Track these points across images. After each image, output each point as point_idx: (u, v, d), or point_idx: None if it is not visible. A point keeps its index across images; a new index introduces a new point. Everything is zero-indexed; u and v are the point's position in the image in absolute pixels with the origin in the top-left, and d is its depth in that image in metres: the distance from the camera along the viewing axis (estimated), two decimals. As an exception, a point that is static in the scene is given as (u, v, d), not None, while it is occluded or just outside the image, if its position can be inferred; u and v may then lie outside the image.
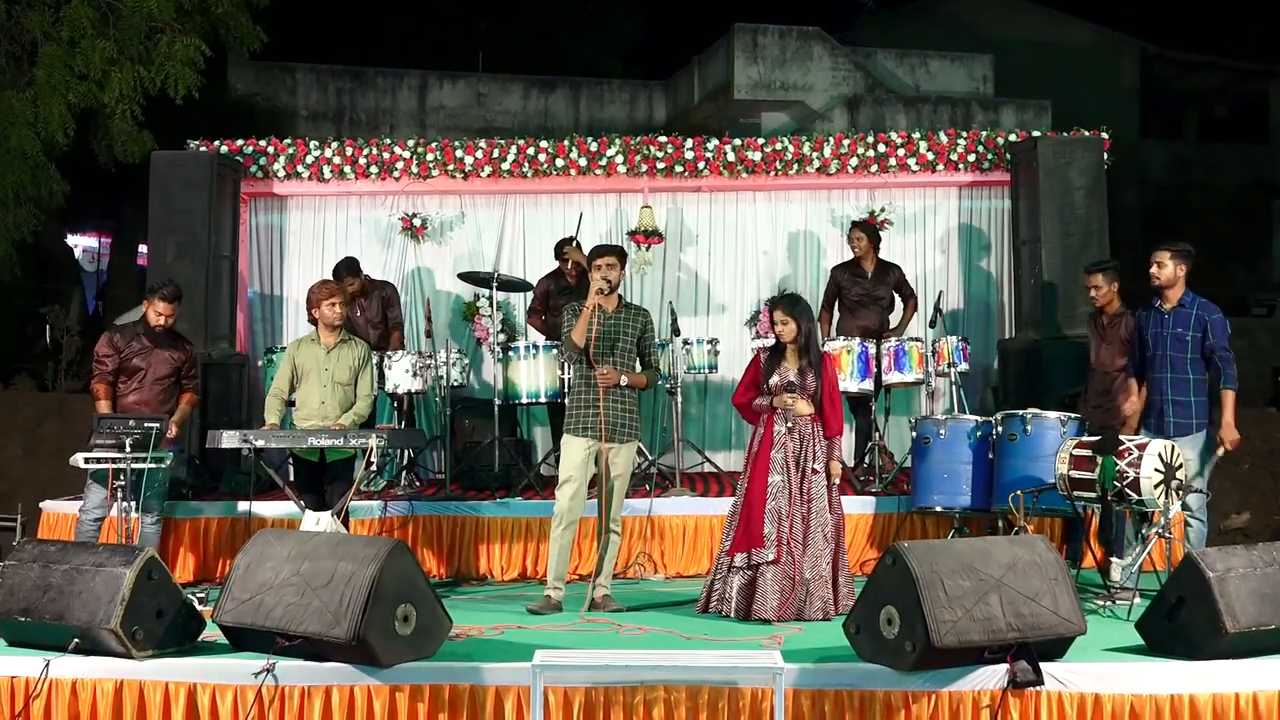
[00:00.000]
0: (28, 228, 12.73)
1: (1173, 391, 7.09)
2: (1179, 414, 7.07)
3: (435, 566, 8.23)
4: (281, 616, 5.31)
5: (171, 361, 7.83)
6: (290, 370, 7.52)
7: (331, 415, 7.40)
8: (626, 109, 21.36)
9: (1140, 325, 7.35)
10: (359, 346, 7.63)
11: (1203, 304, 7.16)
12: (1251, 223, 26.11)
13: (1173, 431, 6.98)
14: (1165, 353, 7.12)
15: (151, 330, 7.77)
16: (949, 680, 5.16)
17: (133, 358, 7.77)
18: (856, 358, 8.78)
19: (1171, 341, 7.10)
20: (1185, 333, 7.08)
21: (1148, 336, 7.24)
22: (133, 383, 7.77)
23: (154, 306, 7.75)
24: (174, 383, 7.87)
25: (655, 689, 5.23)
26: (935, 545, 5.67)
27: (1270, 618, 5.35)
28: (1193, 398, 7.08)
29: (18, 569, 5.68)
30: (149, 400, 7.72)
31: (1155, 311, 7.23)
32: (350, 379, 7.50)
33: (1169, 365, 7.11)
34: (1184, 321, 7.09)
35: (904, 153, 10.42)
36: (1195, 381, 7.08)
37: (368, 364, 7.62)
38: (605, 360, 6.89)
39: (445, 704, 5.26)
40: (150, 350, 7.78)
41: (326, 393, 7.43)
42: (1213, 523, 9.03)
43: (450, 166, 10.47)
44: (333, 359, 7.46)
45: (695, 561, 8.23)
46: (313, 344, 7.54)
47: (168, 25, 11.71)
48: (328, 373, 7.44)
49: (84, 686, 5.34)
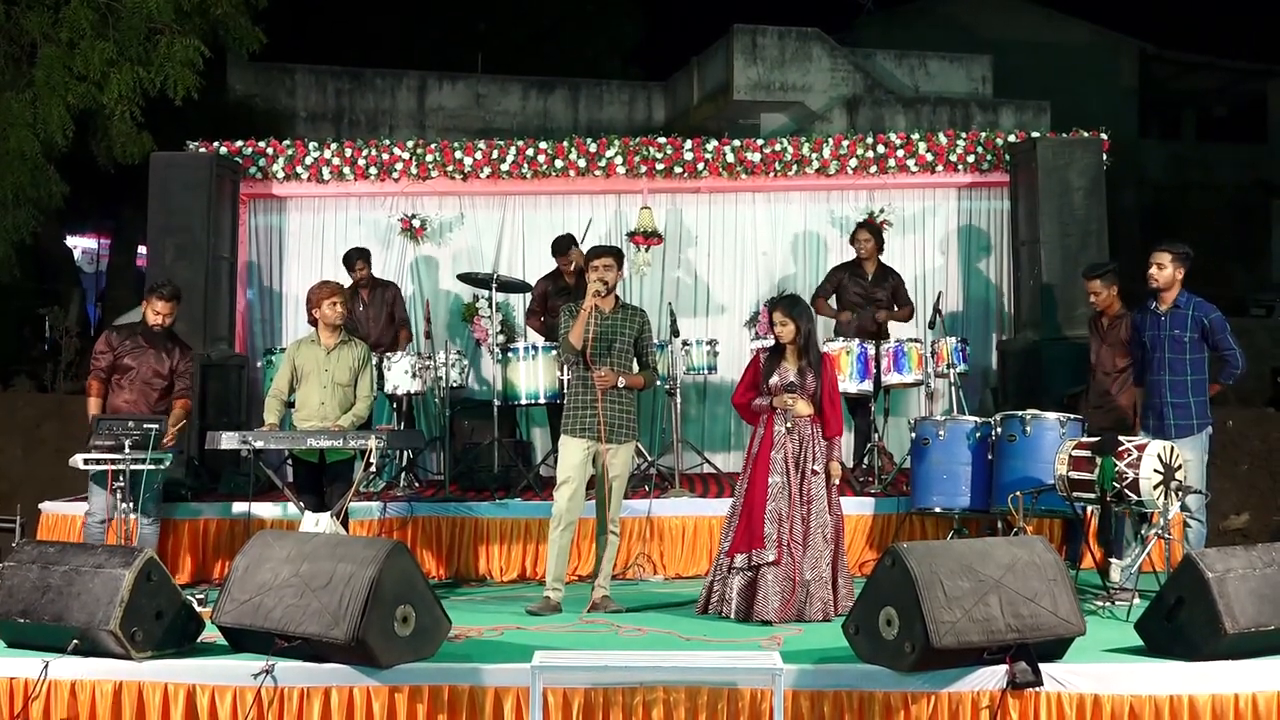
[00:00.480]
0: (27, 229, 12.73)
1: (1171, 394, 7.09)
2: (1179, 415, 7.08)
3: (434, 567, 8.23)
4: (281, 618, 5.31)
5: (164, 362, 7.74)
6: (290, 371, 7.52)
7: (331, 416, 7.40)
8: (625, 110, 21.38)
9: (1137, 327, 7.35)
10: (359, 347, 7.63)
11: (1198, 304, 7.17)
12: (1250, 223, 26.12)
13: (1174, 434, 6.99)
14: (1163, 354, 7.12)
15: (149, 330, 7.75)
16: (948, 681, 5.16)
17: (124, 356, 7.72)
18: (856, 359, 8.79)
19: (1169, 343, 7.10)
20: (1183, 334, 7.08)
21: (1145, 338, 7.24)
22: (123, 381, 7.71)
23: (152, 305, 7.73)
24: (166, 385, 7.78)
25: (654, 690, 5.23)
26: (934, 546, 5.67)
27: (1269, 618, 5.35)
28: (1191, 399, 7.08)
29: (17, 570, 5.68)
30: (136, 401, 7.65)
31: (1151, 314, 7.23)
32: (350, 380, 7.50)
33: (1167, 367, 7.11)
34: (1181, 323, 7.10)
35: (903, 154, 10.43)
36: (1194, 382, 7.08)
37: (367, 365, 7.62)
38: (603, 362, 6.89)
39: (444, 705, 5.26)
40: (144, 350, 7.73)
41: (326, 393, 7.43)
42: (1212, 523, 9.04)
43: (449, 167, 10.47)
44: (333, 360, 7.46)
45: (694, 562, 8.22)
46: (313, 345, 7.53)
47: (167, 26, 11.71)
48: (327, 373, 7.43)
49: (83, 688, 5.34)
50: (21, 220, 12.55)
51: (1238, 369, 7.14)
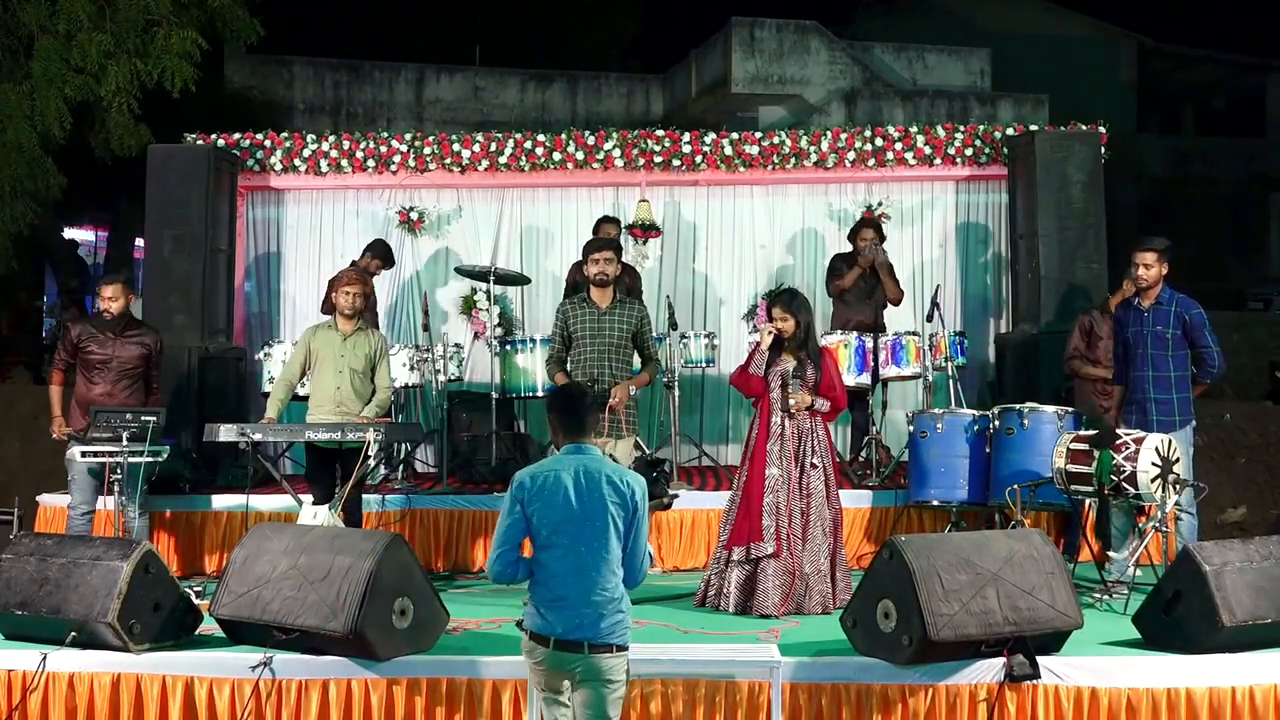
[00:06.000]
0: (24, 221, 12.70)
1: (1155, 390, 7.10)
2: (1161, 412, 7.09)
3: (432, 560, 8.23)
4: (279, 610, 5.31)
5: (130, 350, 7.66)
6: (304, 355, 7.48)
7: (345, 402, 7.36)
8: (624, 103, 21.36)
9: (1120, 324, 7.34)
10: (375, 336, 7.59)
11: (1181, 300, 7.17)
12: (1248, 217, 26.16)
13: (1156, 429, 6.98)
14: (1146, 351, 7.13)
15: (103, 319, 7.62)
16: (946, 674, 5.17)
17: (93, 347, 7.63)
18: (854, 352, 8.78)
19: (1152, 340, 7.11)
20: (1165, 330, 7.08)
21: (1128, 335, 7.24)
22: (95, 376, 7.63)
23: (101, 294, 7.66)
24: (139, 373, 7.73)
25: (652, 682, 5.24)
26: (932, 539, 5.68)
27: (1266, 611, 5.36)
28: (1175, 395, 7.09)
29: (15, 562, 5.68)
30: (114, 393, 7.62)
31: (1135, 310, 7.23)
32: (365, 367, 7.46)
33: (1150, 363, 7.11)
34: (1164, 319, 7.10)
35: (901, 147, 10.41)
36: (1177, 378, 7.09)
37: (384, 354, 7.59)
38: (601, 358, 6.89)
39: (442, 697, 5.27)
40: (108, 340, 7.63)
41: (342, 379, 7.38)
42: (1209, 517, 9.05)
43: (447, 160, 10.44)
44: (349, 346, 7.43)
45: (692, 555, 8.23)
46: (329, 330, 7.50)
47: (164, 18, 11.68)
48: (343, 359, 7.40)
49: (81, 680, 5.35)
50: (19, 212, 12.53)
51: (1214, 367, 7.12)
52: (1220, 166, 26.64)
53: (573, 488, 4.41)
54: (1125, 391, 7.32)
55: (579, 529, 4.37)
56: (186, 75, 11.63)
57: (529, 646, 4.46)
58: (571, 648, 4.34)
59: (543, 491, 4.42)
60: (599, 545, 4.38)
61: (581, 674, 4.37)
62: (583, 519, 4.38)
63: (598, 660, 4.35)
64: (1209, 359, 7.09)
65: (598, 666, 4.35)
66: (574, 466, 4.46)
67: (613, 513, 4.40)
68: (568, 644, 4.34)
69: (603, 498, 4.40)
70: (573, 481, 4.42)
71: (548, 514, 4.40)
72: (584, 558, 4.37)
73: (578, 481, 4.42)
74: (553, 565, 4.39)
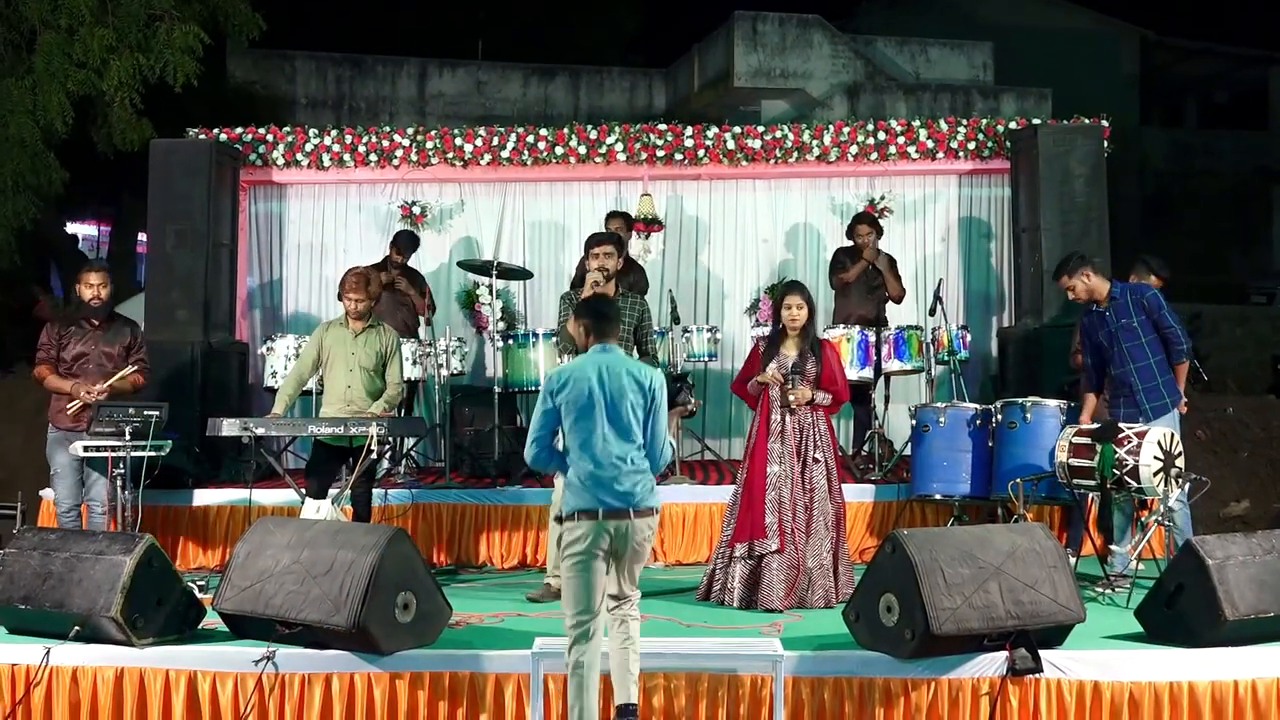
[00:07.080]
0: (27, 216, 12.70)
1: (1140, 379, 7.14)
2: (1152, 398, 7.12)
3: (435, 554, 8.24)
4: (282, 604, 5.32)
5: (113, 344, 7.52)
6: (316, 351, 7.49)
7: (356, 400, 7.38)
8: (626, 97, 21.34)
9: (1088, 332, 7.37)
10: (387, 334, 7.60)
11: (1132, 288, 7.31)
12: (1251, 210, 26.12)
13: (1152, 415, 7.01)
14: (1121, 346, 7.17)
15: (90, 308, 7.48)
16: (948, 668, 5.17)
17: (71, 341, 7.50)
18: (856, 346, 8.79)
19: (1123, 334, 7.17)
20: (1131, 320, 7.16)
21: (1100, 340, 7.27)
22: (76, 370, 7.49)
23: (84, 281, 7.49)
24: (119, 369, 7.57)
25: (655, 676, 5.25)
26: (935, 533, 5.69)
27: (1269, 605, 5.36)
28: (1159, 379, 7.15)
29: (18, 557, 5.69)
30: None
31: (1096, 314, 7.29)
32: (376, 365, 7.47)
33: (1129, 356, 7.15)
34: (1125, 311, 7.18)
35: (904, 141, 10.40)
36: (1157, 363, 7.15)
37: (396, 351, 7.60)
38: None
39: (445, 691, 5.28)
40: (89, 332, 7.51)
41: (353, 376, 7.40)
42: (1211, 510, 9.04)
43: (449, 154, 10.44)
44: (360, 343, 7.44)
45: (695, 549, 8.24)
46: (341, 327, 7.52)
47: (166, 13, 11.68)
48: (354, 357, 7.41)
49: (84, 674, 5.36)
50: (21, 207, 12.53)
51: (1181, 345, 7.18)
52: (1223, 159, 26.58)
53: (595, 378, 5.04)
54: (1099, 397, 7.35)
55: (603, 412, 5.01)
56: (189, 70, 11.62)
57: (570, 527, 4.98)
58: (618, 515, 4.94)
59: (570, 382, 5.05)
60: (623, 427, 5.02)
61: (624, 535, 4.96)
62: (606, 403, 5.01)
63: (640, 521, 4.99)
64: (1174, 339, 7.16)
65: (637, 526, 4.99)
66: (599, 361, 5.11)
67: (631, 400, 5.04)
68: (614, 512, 4.94)
69: (623, 386, 5.05)
70: (596, 373, 5.06)
71: (575, 399, 5.02)
72: (609, 437, 5.00)
73: (600, 373, 5.06)
74: (585, 445, 5.00)
